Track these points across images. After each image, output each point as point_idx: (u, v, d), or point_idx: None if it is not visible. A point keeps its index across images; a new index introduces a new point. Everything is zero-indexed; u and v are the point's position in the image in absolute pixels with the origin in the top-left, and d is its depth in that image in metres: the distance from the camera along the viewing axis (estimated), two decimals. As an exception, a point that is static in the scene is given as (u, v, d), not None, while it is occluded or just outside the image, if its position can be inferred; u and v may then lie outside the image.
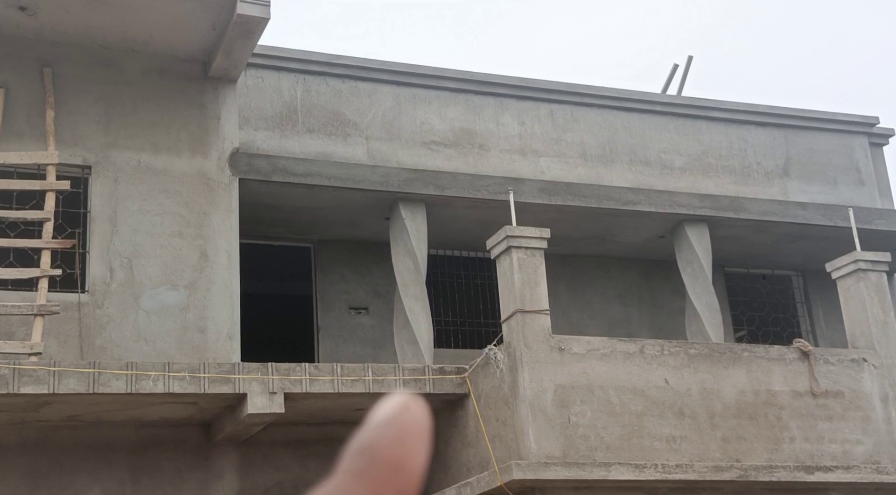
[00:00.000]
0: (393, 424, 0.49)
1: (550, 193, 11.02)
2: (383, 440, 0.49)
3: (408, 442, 0.49)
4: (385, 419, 0.50)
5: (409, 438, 0.49)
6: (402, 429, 0.49)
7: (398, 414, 0.50)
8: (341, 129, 11.51)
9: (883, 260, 9.83)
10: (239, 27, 9.10)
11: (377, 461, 0.48)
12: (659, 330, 12.15)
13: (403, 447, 0.49)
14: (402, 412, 0.50)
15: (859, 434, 8.97)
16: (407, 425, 0.50)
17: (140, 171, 9.37)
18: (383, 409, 0.50)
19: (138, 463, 8.79)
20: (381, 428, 0.49)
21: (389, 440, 0.49)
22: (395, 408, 0.50)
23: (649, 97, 13.02)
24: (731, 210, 11.56)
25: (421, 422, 0.50)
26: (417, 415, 0.50)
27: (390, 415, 0.50)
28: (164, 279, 9.13)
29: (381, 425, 0.50)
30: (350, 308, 11.27)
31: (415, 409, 0.50)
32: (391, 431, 0.49)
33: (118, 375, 7.71)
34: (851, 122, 13.79)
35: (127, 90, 9.56)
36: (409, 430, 0.49)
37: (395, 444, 0.49)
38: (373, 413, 0.50)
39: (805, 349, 9.12)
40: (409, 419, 0.50)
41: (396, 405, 0.50)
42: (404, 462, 0.49)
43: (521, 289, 8.48)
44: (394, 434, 0.49)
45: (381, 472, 0.48)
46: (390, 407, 0.51)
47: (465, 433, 8.92)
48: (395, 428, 0.49)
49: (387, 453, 0.48)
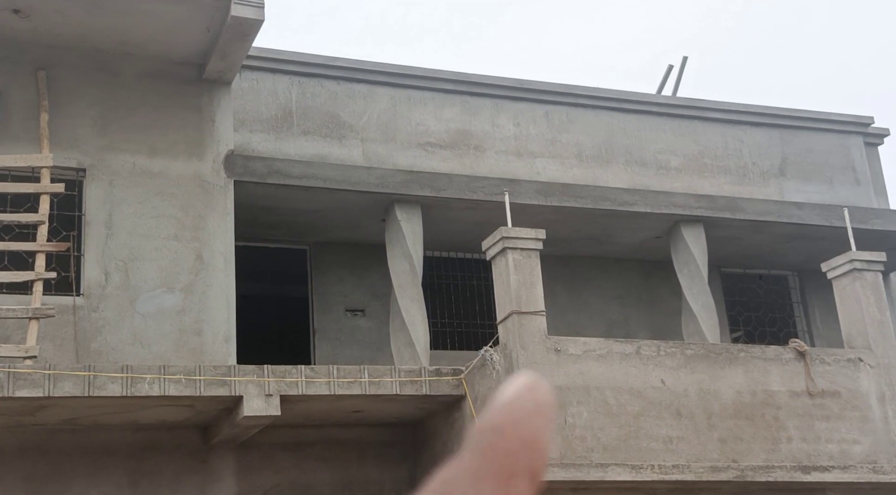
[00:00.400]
0: (519, 403, 0.50)
1: (547, 194, 11.02)
2: (511, 418, 0.50)
3: (535, 421, 0.50)
4: (511, 399, 0.51)
5: (536, 416, 0.50)
6: (529, 408, 0.50)
7: (524, 394, 0.51)
8: (337, 131, 11.50)
9: (879, 259, 9.84)
10: (233, 29, 9.09)
11: (507, 439, 0.49)
12: (657, 330, 12.15)
13: (532, 425, 0.50)
14: (528, 392, 0.51)
15: (856, 433, 8.97)
16: (533, 404, 0.50)
17: (135, 174, 9.36)
18: (508, 390, 0.51)
19: (136, 466, 8.77)
20: (507, 408, 0.50)
21: (517, 418, 0.50)
22: (520, 389, 0.51)
23: (645, 98, 13.03)
24: (727, 210, 11.56)
25: (546, 402, 0.51)
26: (542, 395, 0.51)
27: (516, 395, 0.51)
28: (161, 282, 9.12)
29: (507, 405, 0.50)
30: (347, 310, 11.26)
31: (539, 389, 0.51)
32: (518, 410, 0.50)
33: (114, 378, 7.69)
34: (847, 122, 13.81)
35: (122, 93, 9.56)
36: (535, 409, 0.50)
37: (523, 422, 0.50)
38: (498, 394, 0.51)
39: (801, 349, 9.13)
40: (534, 398, 0.51)
41: (521, 386, 0.51)
42: (533, 439, 0.49)
43: (517, 291, 8.48)
44: (521, 412, 0.50)
45: (511, 450, 0.49)
46: (515, 387, 0.51)
47: (463, 435, 8.92)
48: (522, 407, 0.50)
49: (516, 431, 0.49)
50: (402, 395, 8.72)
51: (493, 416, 0.50)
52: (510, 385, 0.52)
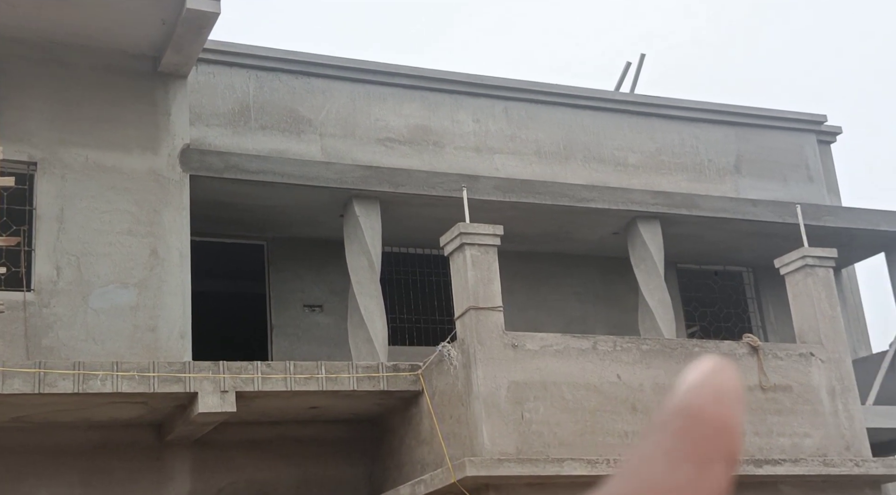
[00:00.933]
0: (710, 385, 0.49)
1: (506, 191, 11.04)
2: (703, 400, 0.48)
3: (728, 402, 0.49)
4: (700, 380, 0.49)
5: (728, 398, 0.49)
6: (720, 390, 0.49)
7: (713, 375, 0.49)
8: (295, 127, 11.43)
9: (830, 255, 9.99)
10: (189, 22, 8.99)
11: (700, 420, 0.48)
12: (615, 326, 12.23)
13: (724, 407, 0.48)
14: (717, 374, 0.50)
15: (808, 427, 9.11)
16: (724, 386, 0.49)
17: (88, 168, 9.22)
18: (696, 372, 0.50)
19: (88, 465, 8.65)
20: (698, 389, 0.49)
21: (709, 400, 0.48)
22: (708, 370, 0.50)
23: (604, 95, 13.11)
24: (683, 207, 11.67)
25: (736, 384, 0.50)
26: (732, 377, 0.50)
27: (705, 377, 0.49)
28: (114, 277, 9.00)
29: (697, 386, 0.49)
30: (304, 306, 11.20)
31: (728, 371, 0.50)
32: (709, 391, 0.49)
33: (65, 375, 7.58)
34: (800, 120, 14.01)
35: (75, 86, 9.41)
36: (727, 391, 0.49)
37: (716, 404, 0.48)
38: (684, 375, 0.50)
39: (754, 344, 9.24)
40: (724, 380, 0.50)
41: (709, 367, 0.50)
42: (728, 421, 0.48)
43: (474, 287, 8.49)
44: (712, 394, 0.49)
45: (705, 431, 0.48)
46: (703, 369, 0.50)
47: (420, 430, 8.91)
48: (713, 389, 0.49)
49: (709, 412, 0.48)
50: (359, 391, 8.69)
51: (684, 399, 0.49)
52: (697, 366, 0.51)
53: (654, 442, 0.49)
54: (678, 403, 0.49)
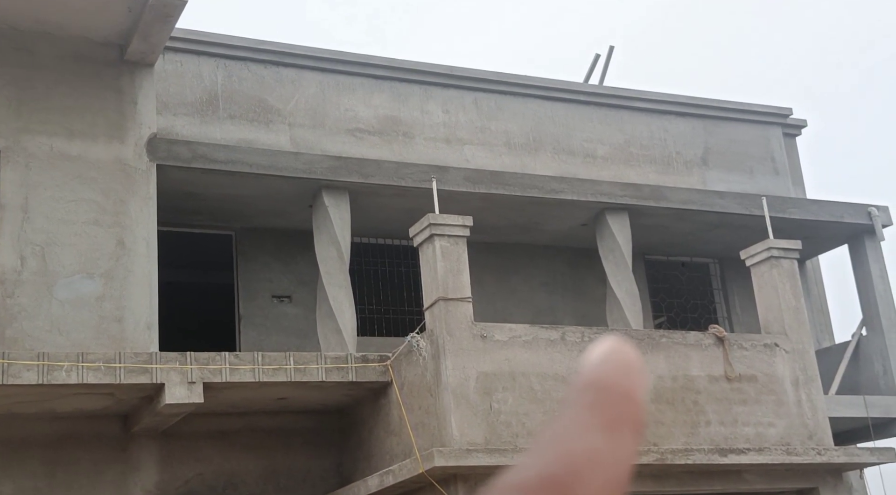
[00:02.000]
0: (613, 360, 0.52)
1: (475, 182, 11.06)
2: (609, 373, 0.52)
3: (632, 374, 0.52)
4: (603, 357, 0.53)
5: (631, 370, 0.52)
6: (624, 363, 0.52)
7: (613, 351, 0.53)
8: (264, 116, 11.36)
9: (795, 247, 10.12)
10: (156, 10, 8.89)
11: (608, 392, 0.51)
12: (583, 317, 12.31)
13: (629, 378, 0.52)
14: (616, 350, 0.53)
15: (772, 417, 9.24)
16: (626, 359, 0.53)
17: (53, 157, 9.10)
18: (597, 350, 0.54)
19: (53, 456, 8.57)
20: (602, 365, 0.52)
21: (615, 373, 0.52)
22: (608, 348, 0.53)
23: (573, 87, 13.16)
24: (651, 199, 11.75)
25: (636, 358, 0.53)
26: (630, 354, 0.53)
27: (607, 353, 0.53)
28: (80, 268, 8.91)
29: (601, 362, 0.53)
30: (273, 296, 11.15)
31: (627, 347, 0.54)
32: (613, 366, 0.52)
33: (29, 366, 7.50)
34: (767, 113, 14.16)
35: (40, 74, 9.27)
36: (629, 363, 0.52)
37: (621, 376, 0.52)
38: (586, 355, 0.54)
39: (720, 335, 9.35)
40: (625, 354, 0.53)
41: (608, 346, 0.54)
42: (633, 391, 0.52)
43: (443, 277, 8.50)
44: (616, 367, 0.52)
45: (613, 402, 0.51)
46: (603, 347, 0.54)
47: (389, 421, 8.92)
48: (617, 363, 0.52)
49: (616, 384, 0.51)
50: (328, 382, 8.68)
51: (590, 373, 0.52)
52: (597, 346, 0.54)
53: (567, 415, 0.52)
54: (586, 378, 0.53)
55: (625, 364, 0.53)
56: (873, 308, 12.31)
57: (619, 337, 0.55)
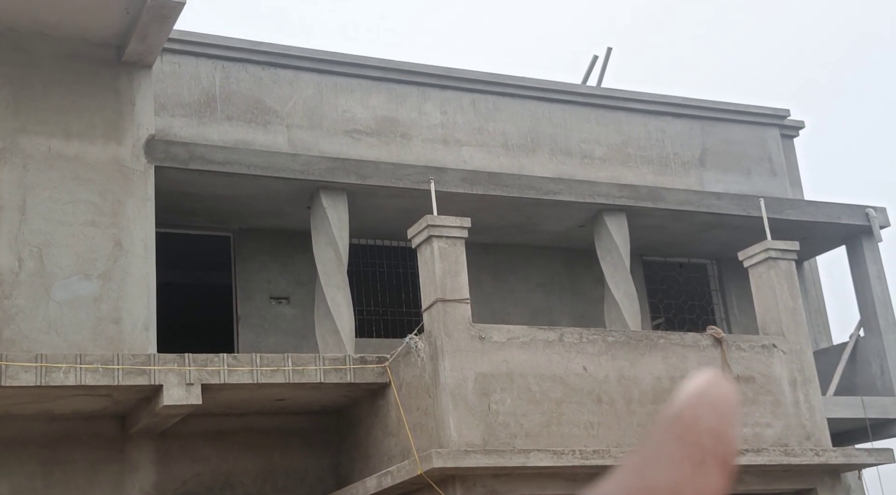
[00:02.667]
0: (707, 396, 0.52)
1: (473, 183, 11.06)
2: (700, 410, 0.51)
3: (724, 414, 0.51)
4: (698, 391, 0.52)
5: (725, 410, 0.52)
6: (718, 401, 0.52)
7: (710, 387, 0.52)
8: (261, 117, 11.35)
9: (792, 248, 10.13)
10: (154, 11, 8.89)
11: (697, 429, 0.51)
12: (580, 318, 12.32)
13: (721, 417, 0.51)
14: (714, 386, 0.52)
15: (769, 417, 9.24)
16: (721, 398, 0.52)
17: (51, 158, 9.09)
18: (694, 383, 0.53)
19: (50, 456, 8.56)
20: (696, 399, 0.52)
21: (708, 409, 0.51)
22: (706, 383, 0.53)
23: (571, 88, 13.16)
24: (649, 200, 11.76)
25: (734, 397, 0.53)
26: (729, 390, 0.52)
27: (703, 389, 0.52)
28: (77, 269, 8.89)
29: (695, 396, 0.52)
30: (271, 298, 11.15)
31: (726, 385, 0.53)
32: (707, 402, 0.52)
33: (27, 368, 7.48)
34: (764, 114, 14.17)
35: (37, 74, 9.26)
36: (724, 403, 0.52)
37: (714, 413, 0.51)
38: (683, 386, 0.53)
39: (718, 336, 9.35)
40: (722, 392, 0.52)
41: (707, 380, 0.53)
42: (724, 431, 0.51)
43: (441, 279, 8.50)
44: (710, 405, 0.51)
45: (701, 439, 0.51)
46: (701, 381, 0.53)
47: (387, 422, 8.92)
48: (711, 400, 0.52)
49: (706, 422, 0.51)
50: (325, 383, 8.68)
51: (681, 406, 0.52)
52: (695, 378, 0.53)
53: (653, 446, 0.52)
54: (678, 410, 0.52)
55: (719, 401, 0.52)
56: (871, 309, 12.32)
57: (717, 372, 0.54)
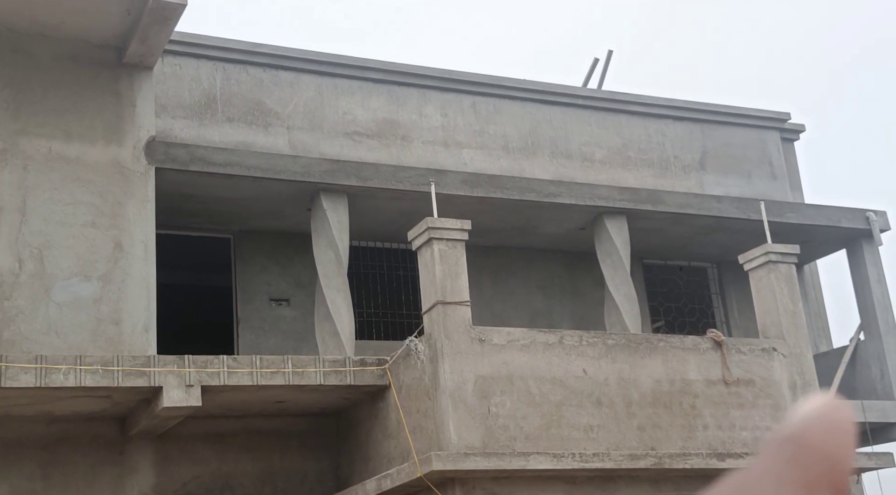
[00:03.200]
0: (824, 419, 0.50)
1: (473, 185, 11.06)
2: (815, 432, 0.50)
3: (840, 438, 0.50)
4: (814, 414, 0.51)
5: (841, 434, 0.50)
6: (834, 425, 0.50)
7: (827, 410, 0.51)
8: (262, 119, 11.35)
9: (793, 252, 10.12)
10: (155, 13, 8.89)
11: (809, 451, 0.49)
12: (580, 320, 12.31)
13: (836, 442, 0.50)
14: (831, 409, 0.51)
15: (769, 421, 9.24)
16: (838, 422, 0.50)
17: (51, 159, 9.09)
18: (810, 405, 0.51)
19: (49, 458, 8.55)
20: (811, 422, 0.50)
21: (821, 433, 0.50)
22: (823, 405, 0.51)
23: (571, 91, 13.16)
24: (649, 202, 11.76)
25: (849, 421, 0.51)
26: (847, 414, 0.51)
27: (819, 411, 0.51)
28: (77, 270, 8.89)
29: (810, 418, 0.50)
30: (271, 299, 11.14)
31: (843, 409, 0.52)
32: (822, 425, 0.50)
33: (27, 369, 7.48)
34: (764, 117, 14.17)
35: (37, 76, 9.27)
36: (840, 427, 0.50)
37: (827, 438, 0.50)
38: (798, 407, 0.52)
39: (718, 339, 9.35)
40: (839, 416, 0.51)
41: (823, 403, 0.52)
42: (838, 456, 0.49)
43: (442, 281, 8.50)
44: (826, 428, 0.50)
45: (813, 463, 0.49)
46: (818, 403, 0.52)
47: (387, 424, 8.91)
48: (827, 424, 0.50)
49: (823, 444, 0.49)
50: (325, 385, 8.67)
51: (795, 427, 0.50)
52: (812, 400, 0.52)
53: (763, 465, 0.50)
54: (792, 431, 0.51)
55: (837, 425, 0.51)
56: (871, 312, 12.32)
57: (836, 397, 0.53)
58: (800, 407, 0.52)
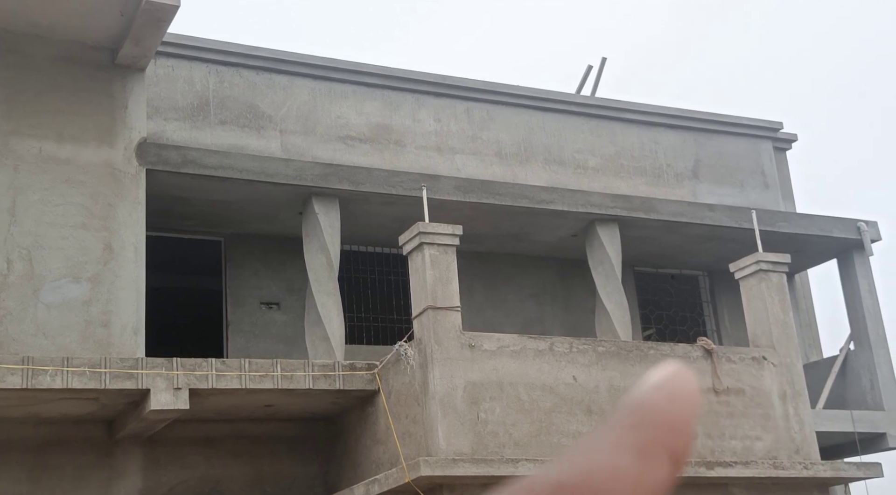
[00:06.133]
0: (666, 387, 0.52)
1: (466, 191, 11.05)
2: (656, 399, 0.51)
3: (680, 404, 0.51)
4: (658, 382, 0.52)
5: (681, 400, 0.51)
6: (675, 392, 0.52)
7: (671, 378, 0.52)
8: (255, 122, 11.33)
9: (784, 261, 10.14)
10: (148, 14, 8.87)
11: (650, 417, 0.50)
12: (572, 328, 12.30)
13: (676, 407, 0.51)
14: (675, 377, 0.52)
15: (759, 430, 9.23)
16: (679, 389, 0.52)
17: (42, 160, 9.06)
18: (656, 375, 0.53)
19: (36, 461, 8.50)
20: (654, 390, 0.52)
21: (663, 400, 0.51)
22: (667, 374, 0.53)
23: (565, 98, 13.18)
24: (642, 210, 11.77)
25: (692, 388, 0.52)
26: (689, 382, 0.53)
27: (663, 380, 0.52)
28: (67, 272, 8.85)
29: (654, 387, 0.52)
30: (261, 303, 11.11)
31: (686, 376, 0.53)
32: (664, 393, 0.51)
33: (13, 370, 7.44)
34: (757, 127, 14.20)
35: (30, 76, 9.24)
36: (681, 393, 0.52)
37: (668, 404, 0.51)
38: (645, 377, 0.53)
39: (708, 347, 9.35)
40: (681, 384, 0.52)
41: (669, 372, 0.53)
42: (677, 421, 0.51)
43: (432, 286, 8.48)
44: (667, 395, 0.51)
45: (653, 428, 0.50)
46: (663, 372, 0.53)
47: (376, 430, 8.89)
48: (669, 391, 0.52)
49: (660, 411, 0.51)
50: (315, 390, 8.64)
51: (638, 395, 0.52)
52: (658, 370, 0.53)
53: (604, 432, 0.51)
54: (635, 399, 0.52)
55: (680, 393, 0.52)
56: (861, 323, 12.33)
57: (681, 364, 0.54)
58: (646, 375, 0.53)
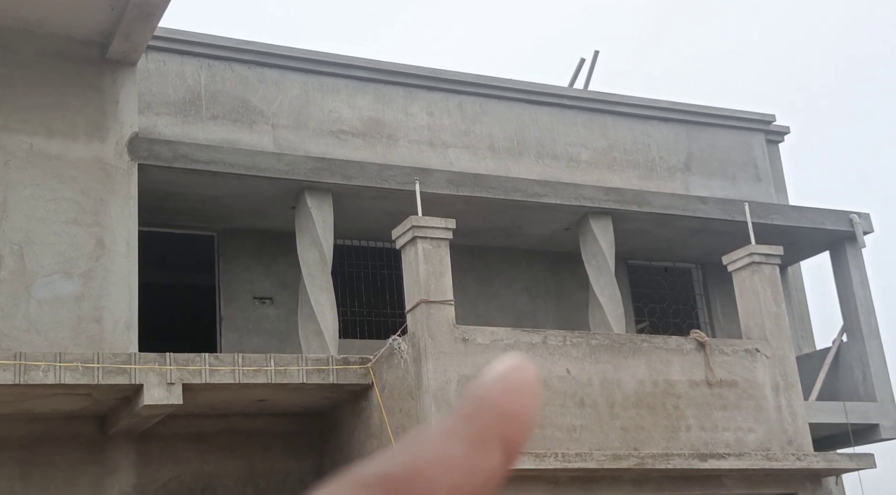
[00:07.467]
0: (504, 379, 0.52)
1: (458, 185, 11.04)
2: (493, 390, 0.52)
3: (516, 395, 0.52)
4: (498, 374, 0.53)
5: (518, 391, 0.52)
6: (512, 383, 0.52)
7: (510, 370, 0.53)
8: (247, 117, 11.30)
9: (776, 253, 10.15)
10: (138, 9, 8.83)
11: (485, 408, 0.51)
12: (565, 322, 12.30)
13: (511, 398, 0.52)
14: (514, 369, 0.53)
15: (751, 422, 9.26)
16: (517, 380, 0.53)
17: (33, 156, 9.02)
18: (496, 366, 0.54)
19: (28, 457, 8.48)
20: (491, 381, 0.53)
21: (499, 391, 0.52)
22: (507, 366, 0.53)
23: (557, 91, 13.17)
24: (634, 203, 11.77)
25: (531, 380, 0.53)
26: (528, 374, 0.53)
27: (503, 371, 0.53)
28: (58, 267, 8.82)
29: (492, 379, 0.53)
30: (254, 298, 11.09)
31: (526, 369, 0.53)
32: (501, 384, 0.52)
33: (5, 366, 7.41)
34: (750, 120, 14.21)
35: (19, 72, 9.19)
36: (518, 385, 0.52)
37: (503, 394, 0.52)
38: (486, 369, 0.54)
39: (701, 340, 9.36)
40: (519, 375, 0.53)
41: (509, 363, 0.54)
42: (511, 411, 0.51)
43: (425, 280, 8.48)
44: (503, 386, 0.52)
45: (487, 418, 0.51)
46: (503, 364, 0.54)
47: (369, 424, 8.88)
48: (506, 382, 0.52)
49: (495, 401, 0.51)
50: (308, 384, 8.63)
51: (478, 388, 0.52)
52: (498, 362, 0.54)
53: (444, 425, 0.51)
54: (473, 391, 0.52)
55: (518, 385, 0.52)
56: (854, 315, 12.36)
57: (522, 356, 0.54)
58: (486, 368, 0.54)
